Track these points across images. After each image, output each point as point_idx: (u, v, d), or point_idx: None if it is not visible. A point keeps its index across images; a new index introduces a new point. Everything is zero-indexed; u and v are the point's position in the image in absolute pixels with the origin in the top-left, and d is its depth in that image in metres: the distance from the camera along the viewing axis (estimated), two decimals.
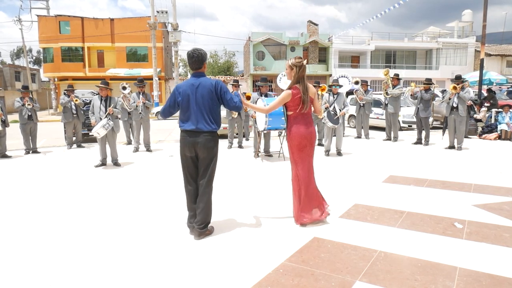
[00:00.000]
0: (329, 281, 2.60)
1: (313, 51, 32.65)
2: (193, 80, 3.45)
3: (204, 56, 3.50)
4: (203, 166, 3.48)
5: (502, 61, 33.15)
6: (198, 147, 3.40)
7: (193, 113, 3.40)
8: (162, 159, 7.83)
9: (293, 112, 3.76)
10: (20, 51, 55.81)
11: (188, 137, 3.42)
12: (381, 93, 12.12)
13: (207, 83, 3.43)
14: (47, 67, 31.63)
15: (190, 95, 3.40)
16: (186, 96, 3.41)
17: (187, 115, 3.43)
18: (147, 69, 29.20)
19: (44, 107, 31.34)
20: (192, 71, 3.51)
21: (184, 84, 3.48)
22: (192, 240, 3.38)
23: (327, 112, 7.57)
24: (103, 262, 2.96)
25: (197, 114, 3.40)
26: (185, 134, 3.45)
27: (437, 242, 3.25)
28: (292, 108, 3.75)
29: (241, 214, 4.07)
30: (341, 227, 3.65)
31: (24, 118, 8.67)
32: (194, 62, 3.45)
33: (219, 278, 2.68)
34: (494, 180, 5.43)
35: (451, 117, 8.41)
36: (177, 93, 3.47)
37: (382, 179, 5.63)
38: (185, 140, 3.44)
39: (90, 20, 31.02)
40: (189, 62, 3.47)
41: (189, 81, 3.47)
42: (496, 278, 2.61)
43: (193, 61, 3.44)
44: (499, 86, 16.49)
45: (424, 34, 36.78)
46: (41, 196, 5.04)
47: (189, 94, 3.40)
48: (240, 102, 3.56)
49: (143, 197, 4.89)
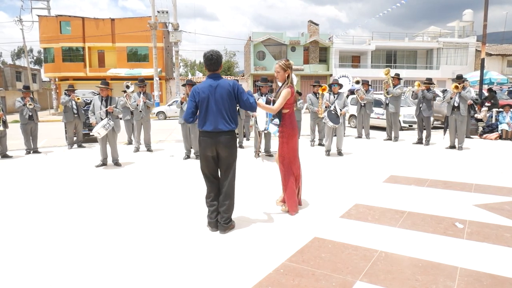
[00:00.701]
0: (329, 281, 2.60)
1: (314, 51, 32.65)
2: (211, 81, 3.52)
3: (221, 57, 3.61)
4: (225, 165, 3.58)
5: (503, 61, 33.11)
6: (220, 147, 3.49)
7: (212, 114, 3.48)
8: (162, 159, 7.84)
9: (289, 110, 4.00)
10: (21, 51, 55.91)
11: (208, 138, 3.50)
12: (381, 93, 12.11)
13: (225, 84, 3.53)
14: (48, 67, 31.67)
15: (209, 96, 3.47)
16: (205, 97, 3.48)
17: (206, 116, 3.49)
18: (148, 69, 29.22)
19: (44, 107, 31.35)
20: (209, 72, 3.57)
21: (201, 86, 3.53)
22: (193, 240, 3.38)
23: (327, 111, 7.56)
24: (103, 262, 2.96)
25: (216, 114, 3.47)
26: (205, 134, 3.52)
27: (438, 242, 3.24)
28: (289, 106, 3.98)
29: (241, 214, 4.07)
30: (341, 227, 3.64)
31: (25, 118, 8.67)
32: (213, 63, 3.52)
33: (219, 277, 2.68)
34: (495, 180, 5.42)
35: (452, 116, 8.40)
36: (196, 95, 3.52)
37: (383, 179, 5.63)
38: (206, 141, 3.51)
39: (90, 20, 31.04)
40: (207, 63, 3.53)
41: (206, 83, 3.52)
42: (497, 278, 2.61)
43: (212, 62, 3.51)
44: (500, 86, 16.46)
45: (424, 34, 36.75)
46: (42, 196, 5.04)
47: (208, 95, 3.47)
48: (255, 103, 3.67)
49: (144, 197, 4.89)
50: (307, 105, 9.59)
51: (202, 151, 3.56)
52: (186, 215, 4.08)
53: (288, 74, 3.93)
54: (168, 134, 13.28)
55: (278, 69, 3.97)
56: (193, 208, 4.30)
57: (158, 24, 26.25)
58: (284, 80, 3.98)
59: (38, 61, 55.14)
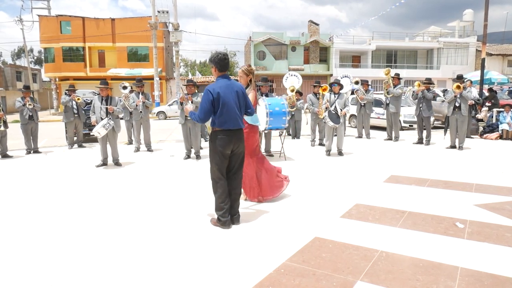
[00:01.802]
0: (330, 281, 2.60)
1: (314, 51, 32.64)
2: (227, 82, 3.65)
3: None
4: (238, 160, 3.77)
5: (503, 61, 33.09)
6: (238, 143, 3.68)
7: (233, 113, 3.60)
8: (163, 159, 7.84)
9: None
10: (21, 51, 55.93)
11: (229, 136, 3.60)
12: (382, 93, 12.10)
13: (237, 84, 3.78)
14: (48, 67, 31.69)
15: (230, 95, 3.60)
16: (226, 97, 3.57)
17: (228, 115, 3.58)
18: (148, 69, 29.22)
19: (45, 107, 31.34)
20: (220, 72, 3.68)
21: (218, 86, 3.59)
22: (193, 240, 3.38)
23: (328, 111, 7.56)
24: (104, 262, 2.96)
25: (236, 113, 3.63)
26: (226, 133, 3.60)
27: (438, 242, 3.24)
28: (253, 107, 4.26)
29: (241, 213, 4.07)
30: (342, 227, 3.64)
31: (25, 118, 8.67)
32: (226, 63, 3.69)
33: (220, 277, 2.68)
34: (495, 180, 5.42)
35: (453, 116, 8.39)
36: (214, 96, 3.54)
37: (384, 179, 5.62)
38: (226, 139, 3.59)
39: (91, 20, 31.06)
40: (222, 63, 3.65)
41: (222, 83, 3.62)
42: (498, 278, 2.61)
43: (226, 62, 3.69)
44: (500, 86, 16.45)
45: (425, 33, 36.73)
46: (43, 196, 5.04)
47: (228, 95, 3.59)
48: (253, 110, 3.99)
49: (144, 196, 4.89)
50: (307, 105, 9.59)
51: (221, 150, 3.60)
52: (187, 215, 4.08)
53: (251, 79, 4.37)
54: (168, 134, 13.28)
55: (241, 74, 4.39)
56: (194, 208, 4.30)
57: (158, 24, 26.25)
58: (248, 84, 4.43)
59: (38, 61, 55.18)
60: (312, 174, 6.11)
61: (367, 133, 10.64)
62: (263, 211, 4.16)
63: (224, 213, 3.64)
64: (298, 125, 10.54)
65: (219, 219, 3.66)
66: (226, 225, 3.63)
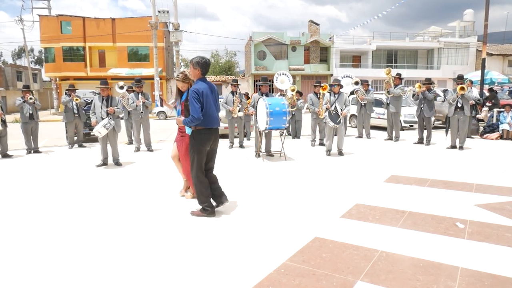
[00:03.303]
0: (330, 281, 2.60)
1: (314, 51, 32.64)
2: (207, 84, 3.95)
3: None
4: (214, 154, 4.17)
5: (504, 61, 33.08)
6: (216, 140, 4.08)
7: (214, 112, 3.97)
8: (163, 158, 7.83)
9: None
10: (21, 51, 55.90)
11: (211, 133, 3.96)
12: (382, 93, 12.09)
13: (213, 86, 4.07)
14: (49, 67, 31.68)
15: (210, 96, 3.93)
16: (210, 98, 3.91)
17: (211, 114, 3.91)
18: (149, 69, 29.22)
19: (45, 107, 31.37)
20: (202, 76, 3.96)
21: (202, 87, 3.88)
22: (193, 239, 3.38)
23: (328, 112, 7.56)
24: (105, 261, 2.96)
25: (215, 112, 4.00)
26: (209, 131, 3.95)
27: (439, 242, 3.24)
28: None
29: (241, 213, 4.07)
30: (342, 227, 3.64)
31: (25, 117, 8.67)
32: (208, 68, 4.01)
33: (220, 277, 2.67)
34: (496, 180, 5.42)
35: (454, 116, 8.38)
36: (200, 95, 3.82)
37: (384, 179, 5.62)
38: (208, 136, 3.94)
39: (91, 20, 31.04)
40: (206, 68, 3.97)
41: (205, 85, 3.91)
42: (498, 278, 2.61)
43: (208, 67, 4.01)
44: (501, 86, 16.45)
45: (425, 33, 36.72)
46: (43, 195, 5.04)
47: (209, 96, 3.91)
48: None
49: (144, 196, 4.89)
50: (307, 105, 9.59)
51: (203, 147, 3.93)
52: (187, 215, 4.08)
53: (190, 84, 4.41)
54: (168, 134, 13.29)
55: (179, 84, 4.48)
56: (194, 208, 4.29)
57: (158, 24, 26.27)
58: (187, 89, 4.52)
59: (38, 61, 55.19)
60: (312, 174, 6.11)
61: (368, 133, 10.63)
62: (263, 211, 4.16)
63: (210, 200, 4.02)
64: (298, 125, 10.55)
65: (204, 209, 3.98)
66: (214, 208, 4.02)
